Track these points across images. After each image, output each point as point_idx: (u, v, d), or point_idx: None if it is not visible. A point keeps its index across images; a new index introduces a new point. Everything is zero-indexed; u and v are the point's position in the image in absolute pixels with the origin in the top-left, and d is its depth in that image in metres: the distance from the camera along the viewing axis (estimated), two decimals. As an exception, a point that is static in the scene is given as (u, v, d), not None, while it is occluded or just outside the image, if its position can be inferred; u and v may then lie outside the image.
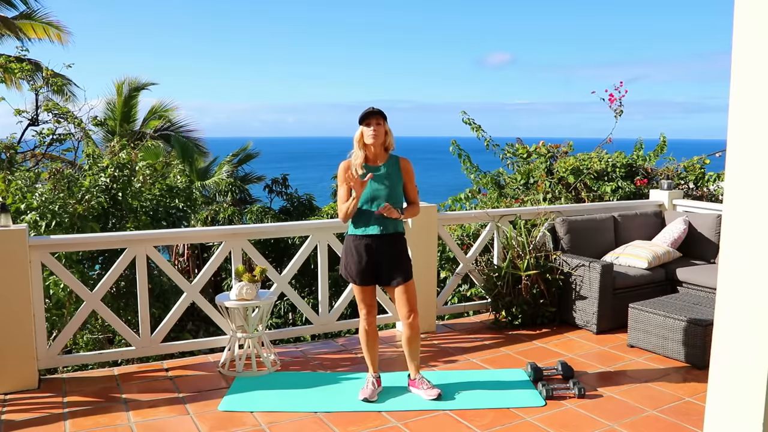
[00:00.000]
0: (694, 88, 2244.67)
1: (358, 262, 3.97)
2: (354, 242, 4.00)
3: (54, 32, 13.78)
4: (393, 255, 3.99)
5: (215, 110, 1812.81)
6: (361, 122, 3.96)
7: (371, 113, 3.92)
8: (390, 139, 4.00)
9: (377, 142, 3.94)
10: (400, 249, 4.04)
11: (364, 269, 3.97)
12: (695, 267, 5.89)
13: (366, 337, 4.10)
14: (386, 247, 3.97)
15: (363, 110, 3.97)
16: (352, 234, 4.02)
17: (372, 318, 4.09)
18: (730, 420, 2.19)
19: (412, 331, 4.05)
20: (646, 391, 4.22)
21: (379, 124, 3.93)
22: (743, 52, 2.07)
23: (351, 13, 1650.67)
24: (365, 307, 4.08)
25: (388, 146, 4.02)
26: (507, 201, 8.10)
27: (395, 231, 4.01)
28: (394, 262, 3.99)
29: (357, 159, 3.98)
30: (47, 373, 4.72)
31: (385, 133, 3.96)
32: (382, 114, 3.95)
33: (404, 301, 4.01)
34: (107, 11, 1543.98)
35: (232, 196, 14.17)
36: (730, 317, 2.17)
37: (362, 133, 3.95)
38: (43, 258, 4.42)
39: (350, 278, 4.04)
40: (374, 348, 4.15)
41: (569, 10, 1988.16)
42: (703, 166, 8.00)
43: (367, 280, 4.01)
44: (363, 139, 3.95)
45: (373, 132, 3.91)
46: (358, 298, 4.08)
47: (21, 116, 9.18)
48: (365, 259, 3.95)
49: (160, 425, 3.78)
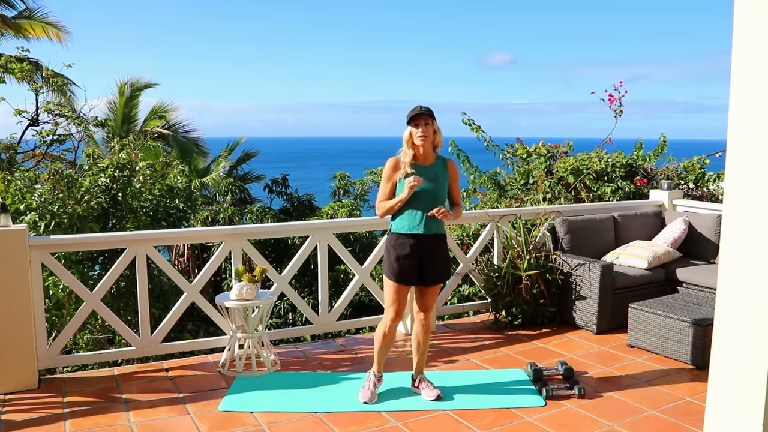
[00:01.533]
0: (694, 88, 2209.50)
1: (401, 260, 3.91)
2: (397, 240, 3.95)
3: (53, 31, 13.78)
4: (437, 256, 3.97)
5: (215, 110, 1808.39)
6: (410, 122, 3.92)
7: (420, 114, 3.88)
8: (439, 138, 3.97)
9: (426, 142, 3.91)
10: (443, 250, 4.04)
11: (406, 268, 3.92)
12: (695, 267, 5.90)
13: (383, 339, 4.06)
14: (431, 248, 3.95)
15: (411, 109, 3.92)
16: (396, 232, 3.98)
17: (396, 323, 4.04)
18: (730, 420, 2.19)
19: (424, 329, 4.08)
20: (646, 391, 4.22)
21: (427, 124, 3.89)
22: (743, 52, 2.07)
23: (351, 13, 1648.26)
24: (395, 307, 3.98)
25: (437, 145, 3.99)
26: (507, 201, 8.10)
27: (438, 232, 3.98)
28: (437, 262, 3.97)
29: (406, 158, 3.93)
30: (47, 373, 4.72)
31: (434, 132, 3.93)
32: (431, 113, 3.90)
33: (425, 301, 4.04)
34: (107, 11, 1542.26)
35: (232, 196, 14.18)
36: (730, 317, 2.17)
37: (411, 133, 3.91)
38: (43, 258, 4.42)
39: (392, 276, 3.96)
40: (387, 350, 4.15)
41: (569, 10, 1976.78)
42: (703, 166, 8.00)
43: (408, 279, 3.95)
44: (412, 139, 3.91)
45: (422, 133, 3.87)
46: (392, 297, 3.98)
47: (21, 116, 9.18)
48: (410, 258, 3.91)
49: (160, 425, 3.78)
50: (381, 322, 4.09)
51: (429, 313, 4.08)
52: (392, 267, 3.96)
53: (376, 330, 4.15)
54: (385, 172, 4.00)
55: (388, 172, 3.98)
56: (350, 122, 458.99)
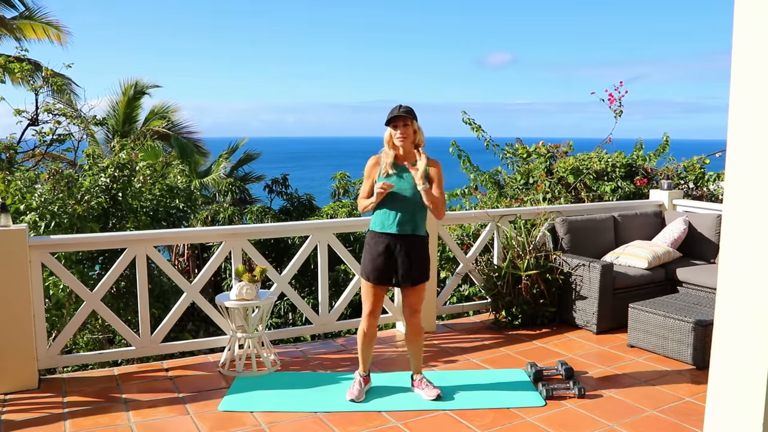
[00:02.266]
0: (694, 88, 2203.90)
1: (374, 259, 3.93)
2: (373, 239, 3.97)
3: (53, 32, 13.77)
4: (411, 256, 3.94)
5: (215, 110, 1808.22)
6: (388, 124, 3.93)
7: (398, 116, 3.88)
8: (419, 137, 3.98)
9: (406, 143, 3.92)
10: (418, 251, 3.98)
11: (378, 268, 3.93)
12: (695, 267, 5.90)
13: (363, 338, 4.09)
14: (405, 248, 3.93)
15: (390, 110, 3.93)
16: (371, 230, 4.01)
17: (373, 320, 4.06)
18: (730, 420, 2.19)
19: (415, 330, 4.07)
20: (646, 391, 4.22)
21: (406, 125, 3.90)
22: (743, 52, 2.07)
23: (351, 13, 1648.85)
24: (369, 307, 4.02)
25: (418, 144, 4.00)
26: (507, 201, 8.11)
27: (414, 233, 3.95)
28: (410, 262, 3.94)
29: (387, 158, 3.95)
30: (47, 373, 4.72)
31: (413, 132, 3.93)
32: (410, 113, 3.90)
33: (410, 302, 4.03)
34: (107, 11, 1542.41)
35: (232, 196, 14.18)
36: (730, 317, 2.17)
37: (390, 134, 3.93)
38: (43, 258, 4.42)
39: (364, 275, 4.00)
40: (369, 349, 4.15)
41: (569, 10, 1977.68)
42: (703, 166, 8.01)
43: (380, 279, 3.96)
44: (392, 140, 3.93)
45: (401, 135, 3.89)
46: (365, 295, 4.03)
47: (21, 116, 9.18)
48: (382, 257, 3.92)
49: (160, 425, 3.78)
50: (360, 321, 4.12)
51: (417, 315, 4.05)
52: (365, 266, 3.99)
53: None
54: (366, 170, 4.04)
55: (368, 169, 4.03)
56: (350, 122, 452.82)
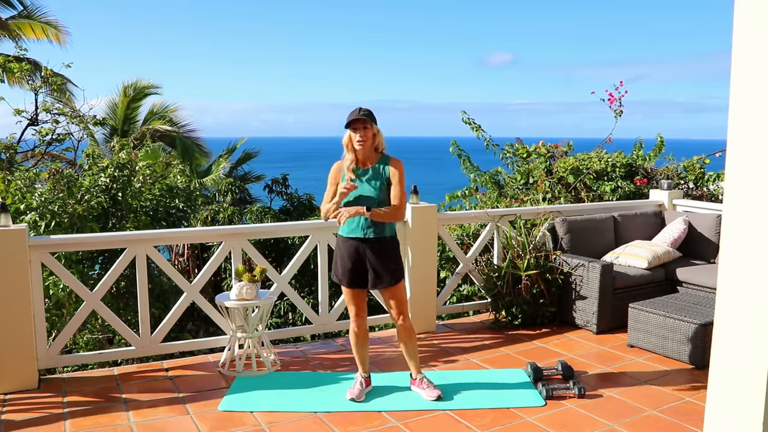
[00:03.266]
0: (694, 88, 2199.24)
1: (344, 264, 3.96)
2: (341, 243, 4.00)
3: (52, 32, 13.77)
4: (378, 259, 3.91)
5: (215, 110, 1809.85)
6: (348, 127, 3.89)
7: (357, 119, 3.85)
8: (379, 140, 3.94)
9: (365, 147, 3.89)
10: (386, 253, 3.95)
11: (350, 271, 3.95)
12: (695, 267, 5.89)
13: (355, 338, 4.11)
14: (372, 251, 3.91)
15: (349, 113, 3.89)
16: (339, 234, 4.02)
17: (360, 320, 4.07)
18: (730, 420, 2.18)
19: (405, 332, 4.07)
20: (646, 391, 4.22)
21: (366, 128, 3.86)
22: (743, 52, 2.07)
23: (351, 13, 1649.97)
24: (353, 309, 4.06)
25: (378, 146, 3.96)
26: (507, 201, 8.10)
27: (380, 235, 3.92)
28: (378, 265, 3.91)
29: (347, 162, 3.93)
30: (47, 373, 4.72)
31: (373, 136, 3.89)
32: (369, 116, 3.85)
33: (392, 304, 4.02)
34: (106, 11, 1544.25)
35: (232, 196, 14.17)
36: (730, 317, 2.17)
37: (350, 137, 3.90)
38: (43, 258, 4.42)
39: (337, 278, 4.04)
40: (363, 349, 4.15)
41: (569, 10, 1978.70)
42: (703, 166, 8.00)
43: (353, 283, 3.98)
44: (352, 143, 3.90)
45: (360, 138, 3.86)
46: (346, 299, 4.08)
47: (20, 116, 9.18)
48: (351, 261, 3.93)
49: (160, 425, 3.78)
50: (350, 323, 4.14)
51: (404, 317, 4.04)
52: (336, 270, 4.02)
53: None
54: (330, 176, 4.01)
55: (331, 175, 4.00)
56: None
